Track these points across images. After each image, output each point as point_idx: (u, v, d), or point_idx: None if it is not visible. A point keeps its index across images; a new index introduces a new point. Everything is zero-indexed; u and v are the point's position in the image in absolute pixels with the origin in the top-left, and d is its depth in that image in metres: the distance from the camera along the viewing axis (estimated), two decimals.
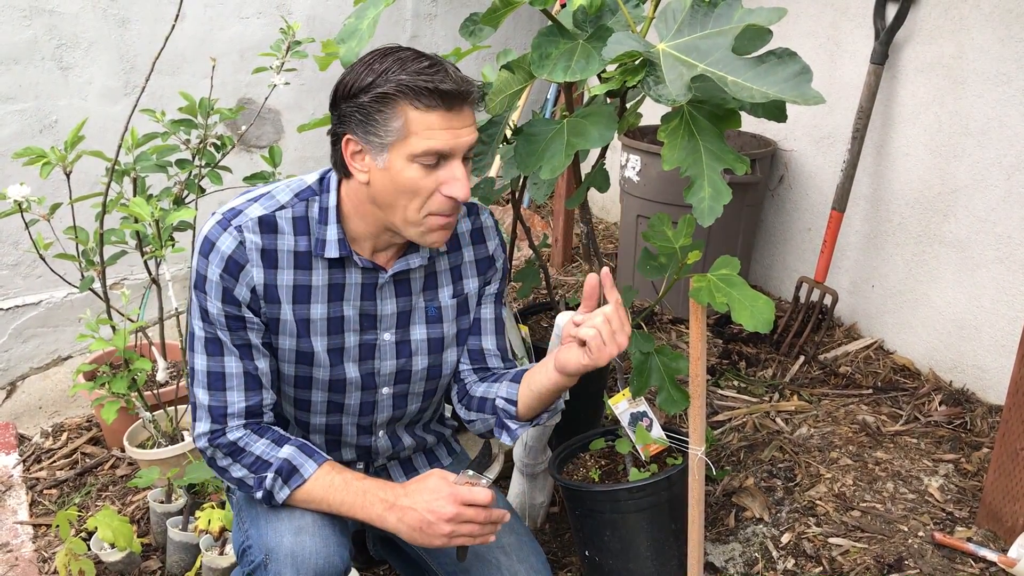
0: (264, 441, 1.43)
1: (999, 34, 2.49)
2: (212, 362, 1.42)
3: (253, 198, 1.44)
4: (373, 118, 1.31)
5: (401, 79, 1.29)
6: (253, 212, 1.41)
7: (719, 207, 1.46)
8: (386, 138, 1.32)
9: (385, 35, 3.73)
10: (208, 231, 1.41)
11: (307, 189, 1.45)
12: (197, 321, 1.43)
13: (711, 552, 2.17)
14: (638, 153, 3.21)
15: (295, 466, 1.40)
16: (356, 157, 1.36)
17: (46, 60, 2.96)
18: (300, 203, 1.43)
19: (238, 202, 1.44)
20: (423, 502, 1.36)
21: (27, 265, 3.05)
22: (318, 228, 1.43)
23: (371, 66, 1.32)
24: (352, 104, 1.32)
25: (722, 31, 1.41)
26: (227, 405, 1.42)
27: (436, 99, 1.30)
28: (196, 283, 1.41)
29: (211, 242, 1.40)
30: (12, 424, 2.80)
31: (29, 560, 2.17)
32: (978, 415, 2.62)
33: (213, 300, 1.40)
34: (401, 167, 1.33)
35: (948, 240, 2.76)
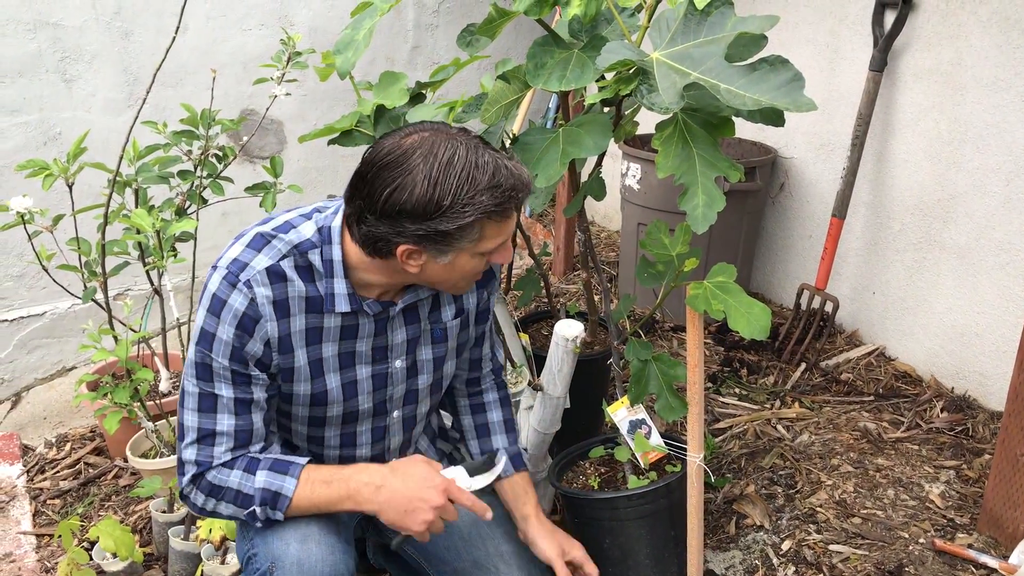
0: (236, 472, 1.41)
1: (997, 40, 2.49)
2: (204, 419, 1.40)
3: (252, 246, 1.39)
4: (450, 237, 1.28)
5: (483, 203, 1.25)
6: (259, 264, 1.37)
7: (713, 214, 1.47)
8: (457, 246, 1.31)
9: (386, 45, 3.75)
10: (215, 289, 1.36)
11: (306, 242, 1.40)
12: (190, 379, 1.40)
13: (711, 559, 2.16)
14: (638, 161, 3.22)
15: (275, 491, 1.39)
16: (411, 257, 1.33)
17: (50, 73, 2.98)
18: (301, 256, 1.39)
19: (237, 252, 1.39)
20: (413, 487, 1.38)
21: (31, 276, 3.07)
22: (324, 281, 1.40)
23: (439, 184, 1.24)
24: (425, 227, 1.26)
25: (715, 39, 1.42)
26: (212, 459, 1.41)
27: (512, 209, 1.31)
28: (199, 340, 1.38)
29: (221, 300, 1.36)
30: (16, 435, 2.81)
31: (32, 570, 2.18)
32: (979, 421, 2.62)
33: (219, 358, 1.37)
34: (465, 262, 1.35)
35: (948, 246, 2.76)
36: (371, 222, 1.29)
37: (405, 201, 1.24)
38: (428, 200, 1.24)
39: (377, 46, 3.73)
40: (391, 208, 1.26)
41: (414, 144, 1.27)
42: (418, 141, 1.27)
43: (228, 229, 3.54)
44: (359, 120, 2.03)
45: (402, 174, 1.25)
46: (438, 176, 1.24)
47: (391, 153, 1.27)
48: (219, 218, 3.47)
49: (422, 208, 1.25)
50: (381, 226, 1.28)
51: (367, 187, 1.28)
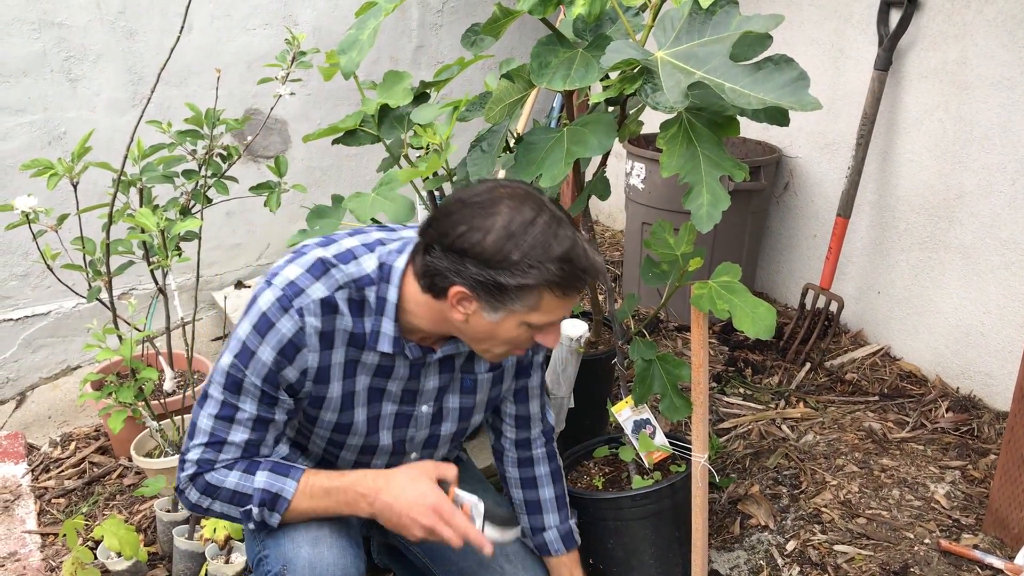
0: (235, 473, 1.40)
1: (1003, 39, 2.48)
2: (218, 425, 1.39)
3: (311, 271, 1.36)
4: (506, 294, 1.27)
5: (550, 271, 1.24)
6: (315, 293, 1.35)
7: (717, 213, 1.47)
8: (510, 306, 1.28)
9: (391, 45, 3.75)
10: (266, 308, 1.34)
11: (365, 277, 1.38)
12: (217, 386, 1.38)
13: (716, 559, 2.16)
14: (643, 161, 3.21)
15: (275, 492, 1.39)
16: (463, 302, 1.31)
17: (55, 72, 2.98)
18: (357, 290, 1.38)
19: (294, 274, 1.36)
20: (404, 505, 1.36)
21: (36, 276, 3.07)
22: (374, 318, 1.39)
23: (514, 238, 1.23)
24: (486, 274, 1.25)
25: (720, 38, 1.41)
26: (215, 463, 1.40)
27: (576, 290, 1.30)
28: (238, 353, 1.36)
29: (270, 322, 1.34)
30: (21, 434, 2.82)
31: (37, 569, 2.18)
32: (985, 421, 2.61)
33: (252, 376, 1.36)
34: (511, 327, 1.32)
35: (954, 246, 2.75)
36: (437, 254, 1.28)
37: (476, 243, 1.23)
38: (498, 249, 1.23)
39: (381, 46, 3.73)
40: (460, 245, 1.25)
41: (504, 195, 1.26)
42: (509, 193, 1.27)
43: (232, 228, 3.55)
44: (363, 120, 2.03)
45: (483, 216, 1.24)
46: (516, 229, 1.23)
47: (479, 195, 1.27)
48: (223, 217, 3.47)
49: (490, 254, 1.23)
50: (444, 260, 1.27)
51: (445, 220, 1.27)
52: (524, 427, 1.73)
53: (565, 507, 1.78)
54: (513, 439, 1.73)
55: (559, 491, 1.77)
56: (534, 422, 1.74)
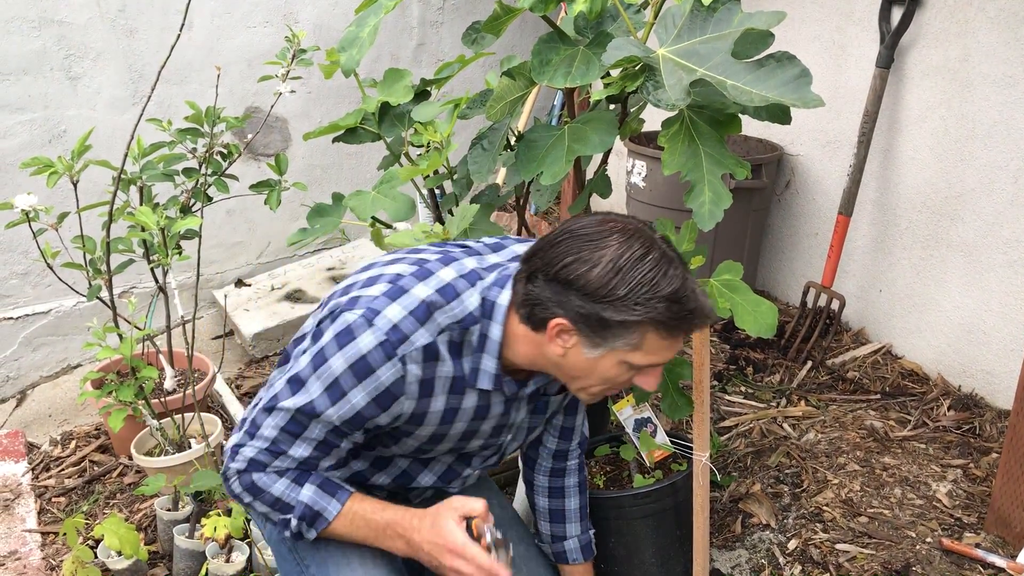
0: (283, 481, 1.36)
1: (1005, 37, 2.48)
2: (282, 439, 1.34)
3: (416, 315, 1.28)
4: (609, 330, 1.22)
5: (657, 309, 1.20)
6: (419, 340, 1.28)
7: (719, 211, 1.46)
8: (611, 343, 1.24)
9: (391, 42, 3.75)
10: (367, 352, 1.26)
11: (469, 317, 1.31)
12: (291, 400, 1.31)
13: (717, 558, 2.16)
14: (644, 159, 3.21)
15: (317, 511, 1.36)
16: (562, 335, 1.26)
17: (55, 70, 2.98)
18: (460, 331, 1.31)
19: (398, 316, 1.28)
20: (428, 543, 1.33)
21: (36, 274, 3.07)
22: (474, 355, 1.34)
23: (621, 272, 1.19)
24: (589, 307, 1.21)
25: (721, 35, 1.41)
26: (268, 467, 1.36)
27: (682, 332, 1.26)
28: (329, 387, 1.29)
29: (371, 368, 1.27)
30: (21, 432, 2.81)
31: (37, 568, 2.18)
32: (987, 420, 2.60)
33: (336, 413, 1.30)
34: (611, 366, 1.28)
35: (956, 244, 2.74)
36: (539, 283, 1.24)
37: (582, 275, 1.20)
38: (605, 283, 1.19)
39: (382, 43, 3.72)
40: (565, 275, 1.21)
41: (614, 228, 1.23)
42: (620, 227, 1.23)
43: (232, 226, 3.55)
44: (364, 117, 2.02)
45: (591, 249, 1.20)
46: (624, 264, 1.19)
47: (588, 227, 1.23)
48: (224, 216, 3.47)
49: (595, 287, 1.19)
50: (547, 290, 1.23)
51: (551, 250, 1.23)
52: (567, 438, 1.70)
53: (586, 518, 1.77)
54: (552, 449, 1.70)
55: (583, 502, 1.76)
56: (576, 433, 1.71)
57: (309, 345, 1.34)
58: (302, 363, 1.32)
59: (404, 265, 1.36)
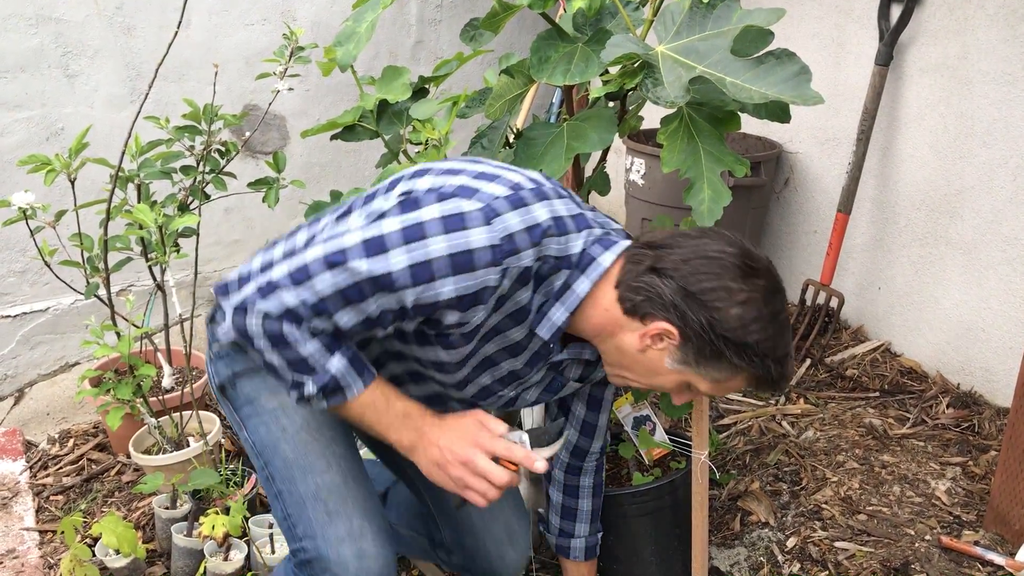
0: (315, 343, 1.24)
1: (1004, 34, 2.47)
2: (335, 298, 1.20)
3: (531, 234, 1.21)
4: (712, 361, 1.23)
5: (763, 366, 1.22)
6: (525, 259, 1.21)
7: (719, 209, 1.46)
8: (702, 369, 1.24)
9: (389, 40, 3.74)
10: (478, 247, 1.17)
11: (567, 259, 1.27)
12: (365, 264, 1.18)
13: (716, 556, 2.16)
14: (643, 156, 3.20)
15: (342, 386, 1.27)
16: (659, 339, 1.24)
17: (52, 68, 2.97)
18: (555, 269, 1.27)
19: (518, 227, 1.20)
20: (447, 440, 1.28)
21: (34, 272, 3.06)
22: (551, 300, 1.29)
23: (759, 321, 1.19)
24: (712, 336, 1.19)
25: (721, 32, 1.41)
26: (302, 323, 1.22)
27: (763, 388, 1.29)
28: (417, 268, 1.18)
29: (472, 265, 1.18)
30: (19, 430, 2.81)
31: (35, 566, 2.18)
32: (986, 418, 2.60)
33: (412, 296, 1.19)
34: (678, 379, 1.28)
35: (955, 242, 2.74)
36: (668, 283, 1.20)
37: (722, 306, 1.18)
38: (740, 324, 1.19)
39: (380, 41, 3.72)
40: (703, 296, 1.19)
41: (759, 271, 1.23)
42: (764, 272, 1.24)
43: (231, 224, 3.54)
44: (362, 115, 2.02)
45: (736, 283, 1.19)
46: (763, 316, 1.20)
47: (734, 258, 1.22)
48: (222, 214, 3.46)
49: (729, 323, 1.19)
50: (674, 295, 1.20)
51: (693, 261, 1.21)
52: (588, 435, 1.67)
53: (597, 520, 1.78)
54: (572, 443, 1.68)
55: (596, 505, 1.76)
56: (598, 434, 1.68)
57: (396, 210, 1.22)
58: (388, 227, 1.19)
59: (521, 177, 1.28)
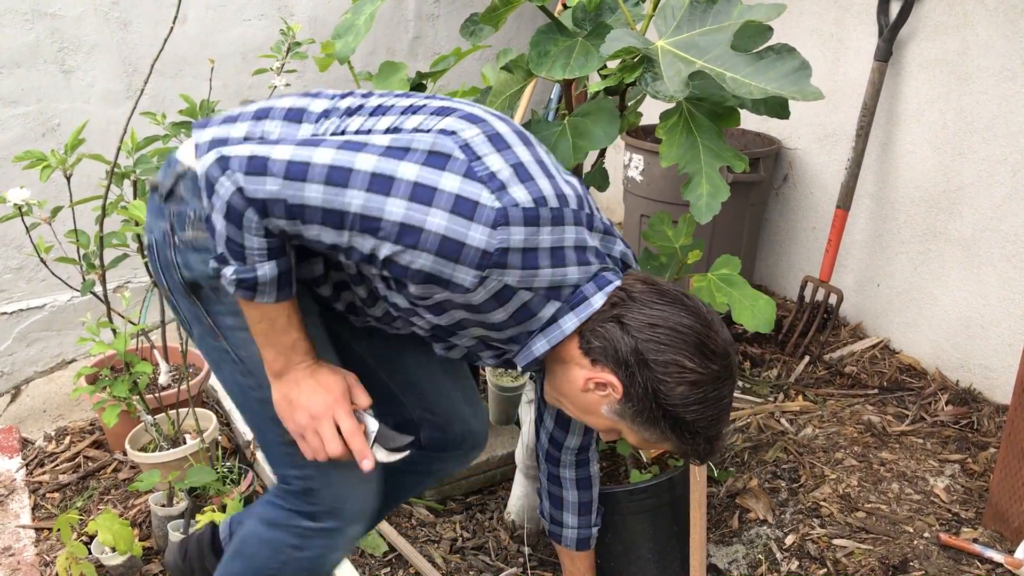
0: (262, 241, 1.18)
1: (1004, 30, 2.47)
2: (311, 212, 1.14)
3: (528, 252, 1.16)
4: (648, 424, 1.23)
5: (696, 443, 1.24)
6: (510, 278, 1.16)
7: (717, 204, 1.45)
8: (635, 426, 1.25)
9: (387, 35, 3.73)
10: (470, 245, 1.12)
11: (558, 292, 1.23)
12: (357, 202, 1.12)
13: (714, 554, 2.15)
14: (641, 152, 3.19)
15: (257, 290, 1.22)
16: (601, 388, 1.25)
17: (48, 63, 2.96)
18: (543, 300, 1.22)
19: (517, 242, 1.14)
20: (308, 387, 1.29)
21: (31, 269, 3.05)
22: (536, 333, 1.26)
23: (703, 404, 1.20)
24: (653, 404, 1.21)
25: (721, 27, 1.40)
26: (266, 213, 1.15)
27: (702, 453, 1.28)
28: (404, 227, 1.11)
29: (456, 257, 1.12)
30: (16, 428, 2.80)
31: (31, 564, 2.17)
32: (985, 415, 2.60)
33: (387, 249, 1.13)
34: (608, 427, 1.30)
35: (954, 238, 2.74)
36: (625, 341, 1.20)
37: (671, 381, 1.19)
38: (682, 403, 1.20)
39: (378, 36, 3.70)
40: (656, 366, 1.19)
41: (717, 352, 1.21)
42: (722, 354, 1.22)
43: None
44: None
45: (692, 359, 1.19)
46: (709, 397, 1.20)
47: (706, 343, 1.20)
48: None
49: (672, 400, 1.20)
50: (628, 354, 1.20)
51: (661, 331, 1.19)
52: (562, 426, 1.66)
53: (589, 513, 1.75)
54: (550, 431, 1.67)
55: (583, 499, 1.74)
56: (572, 429, 1.66)
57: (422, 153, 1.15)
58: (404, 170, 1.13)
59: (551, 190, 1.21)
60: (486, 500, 2.38)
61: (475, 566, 2.16)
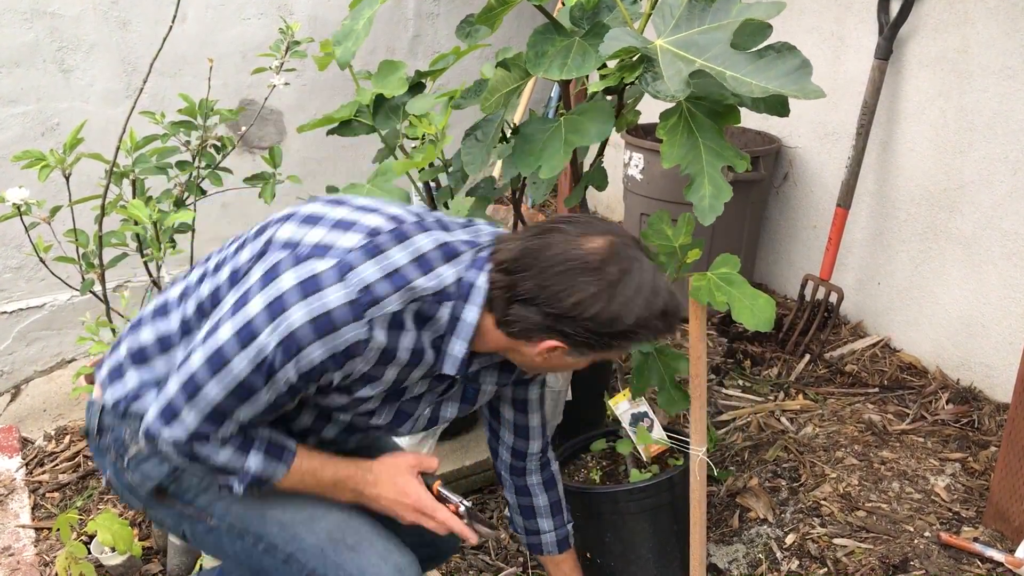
0: (227, 451, 1.30)
1: (1004, 28, 2.46)
2: (227, 402, 1.25)
3: (392, 280, 1.22)
4: (608, 347, 1.27)
5: (656, 327, 1.26)
6: (390, 305, 1.22)
7: (720, 205, 1.45)
8: (602, 352, 1.29)
9: (387, 34, 3.72)
10: (335, 307, 1.18)
11: (444, 292, 1.27)
12: (246, 363, 1.22)
13: (714, 553, 2.15)
14: (641, 151, 3.19)
15: (266, 477, 1.33)
16: (552, 351, 1.28)
17: (48, 63, 2.95)
18: (433, 304, 1.27)
19: (374, 277, 1.21)
20: (387, 499, 1.40)
21: (30, 268, 3.05)
22: (447, 335, 1.30)
23: (628, 305, 1.22)
24: (595, 336, 1.23)
25: (720, 26, 1.39)
26: (211, 434, 1.28)
27: (665, 335, 1.31)
28: (284, 342, 1.19)
29: (333, 325, 1.19)
30: (15, 427, 2.80)
31: (31, 564, 2.17)
32: (985, 413, 2.59)
33: (292, 369, 1.22)
34: (585, 362, 1.33)
35: (954, 236, 2.73)
36: (532, 310, 1.23)
37: (592, 314, 1.21)
38: (614, 318, 1.22)
39: (377, 35, 3.70)
40: (570, 311, 1.21)
41: (609, 254, 1.22)
42: (614, 252, 1.23)
43: (228, 220, 3.52)
44: (358, 110, 2.00)
45: (595, 284, 1.21)
46: (628, 297, 1.22)
47: (586, 258, 1.22)
48: (219, 209, 3.44)
49: (603, 322, 1.22)
50: (546, 320, 1.23)
51: (549, 281, 1.21)
52: (522, 436, 1.67)
53: (560, 512, 1.75)
54: (510, 445, 1.68)
55: (554, 498, 1.73)
56: (533, 435, 1.67)
57: (259, 284, 1.23)
58: (253, 309, 1.21)
59: (381, 219, 1.29)
60: (486, 500, 2.38)
61: (475, 566, 2.16)
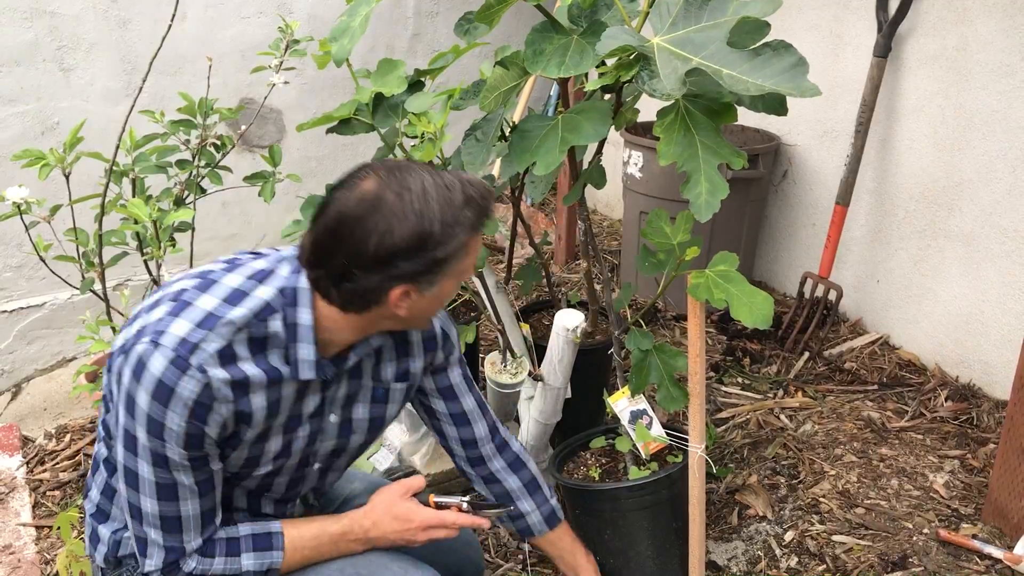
0: (220, 559, 1.36)
1: (1003, 25, 2.46)
2: (166, 507, 1.30)
3: (204, 324, 1.25)
4: (444, 263, 1.25)
5: (468, 218, 1.23)
6: (210, 345, 1.24)
7: (716, 202, 1.45)
8: (446, 271, 1.26)
9: (386, 33, 3.73)
10: (160, 373, 1.22)
11: (266, 307, 1.29)
12: (146, 465, 1.27)
13: (713, 550, 2.15)
14: (640, 149, 3.19)
15: (267, 568, 1.39)
16: (404, 298, 1.27)
17: (47, 62, 2.96)
18: (259, 323, 1.28)
19: (185, 329, 1.24)
20: (394, 532, 1.44)
21: (31, 267, 3.06)
22: (288, 347, 1.31)
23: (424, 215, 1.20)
24: (420, 261, 1.22)
25: (717, 24, 1.40)
26: (184, 544, 1.33)
27: (488, 217, 1.28)
28: (149, 427, 1.24)
29: (168, 388, 1.22)
30: (16, 426, 2.80)
31: (31, 562, 2.17)
32: (984, 410, 2.60)
33: (174, 447, 1.25)
34: (448, 286, 1.31)
35: (953, 234, 2.73)
36: (359, 276, 1.23)
37: (397, 242, 1.20)
38: (420, 232, 1.20)
39: (377, 34, 3.70)
40: (383, 253, 1.20)
41: (379, 186, 1.21)
42: (382, 182, 1.22)
43: (228, 219, 3.53)
44: (357, 108, 2.00)
45: (384, 217, 1.19)
46: (421, 207, 1.20)
47: (362, 202, 1.20)
48: (219, 208, 3.45)
49: (416, 242, 1.21)
50: (372, 277, 1.23)
51: (348, 242, 1.21)
52: (463, 423, 1.65)
53: (538, 489, 1.72)
54: (456, 437, 1.66)
55: (525, 478, 1.71)
56: (473, 418, 1.65)
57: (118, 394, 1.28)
58: (122, 418, 1.27)
59: (186, 281, 1.33)
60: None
61: None
